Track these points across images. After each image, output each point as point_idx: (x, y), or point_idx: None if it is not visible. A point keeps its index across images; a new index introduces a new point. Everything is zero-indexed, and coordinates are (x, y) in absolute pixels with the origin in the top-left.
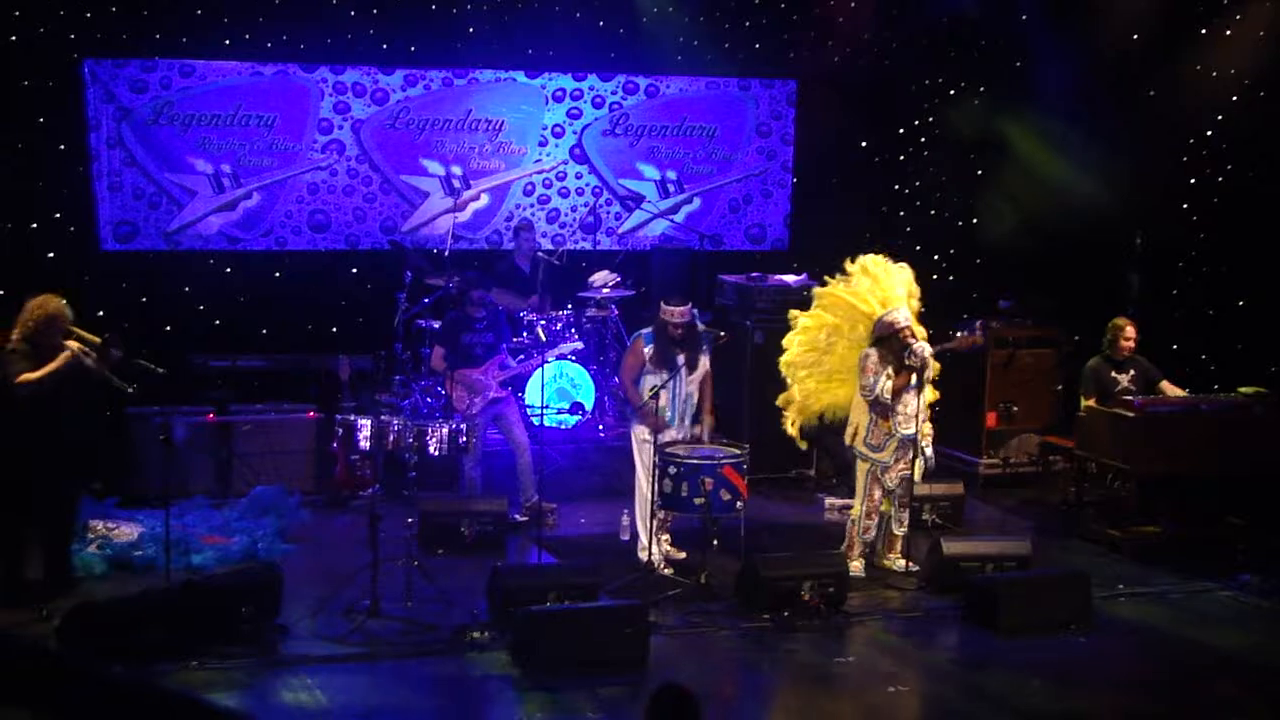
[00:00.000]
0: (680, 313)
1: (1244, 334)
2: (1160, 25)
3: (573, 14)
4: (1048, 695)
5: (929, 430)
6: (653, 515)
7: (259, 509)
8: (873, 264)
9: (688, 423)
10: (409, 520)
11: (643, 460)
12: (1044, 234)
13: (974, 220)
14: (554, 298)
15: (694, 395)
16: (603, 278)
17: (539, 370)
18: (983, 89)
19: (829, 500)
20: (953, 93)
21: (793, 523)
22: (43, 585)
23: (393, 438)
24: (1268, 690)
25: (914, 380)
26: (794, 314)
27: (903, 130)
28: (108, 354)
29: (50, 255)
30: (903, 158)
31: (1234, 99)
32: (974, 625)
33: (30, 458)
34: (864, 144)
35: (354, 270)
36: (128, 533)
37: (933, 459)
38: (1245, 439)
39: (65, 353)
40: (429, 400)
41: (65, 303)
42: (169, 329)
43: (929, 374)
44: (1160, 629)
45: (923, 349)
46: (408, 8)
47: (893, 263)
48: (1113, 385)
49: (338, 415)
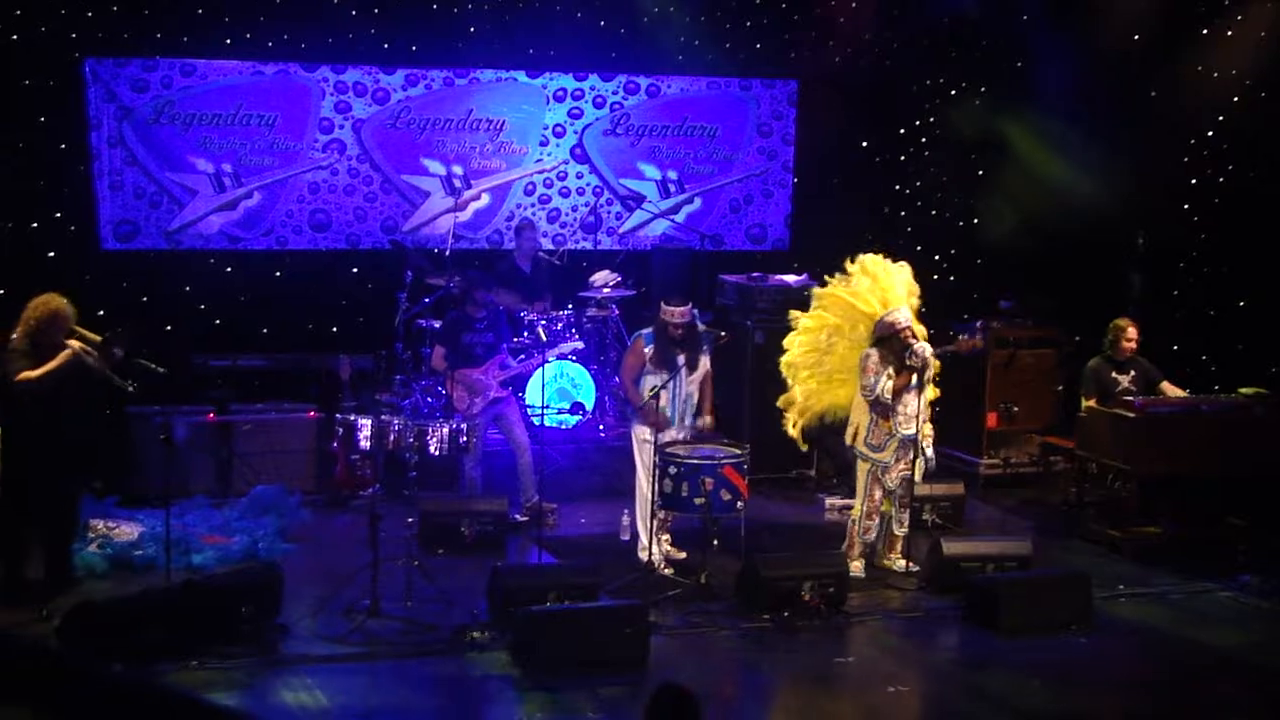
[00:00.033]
0: (680, 313)
1: (1245, 334)
2: (1161, 25)
3: (574, 14)
4: (1048, 695)
5: (929, 431)
6: (653, 515)
7: (259, 508)
8: (871, 263)
9: (688, 422)
10: (409, 520)
11: (643, 460)
12: (1045, 234)
13: (975, 220)
14: (555, 297)
15: (694, 395)
16: (603, 277)
17: (539, 370)
18: (984, 89)
19: (829, 500)
20: (954, 93)
21: (793, 523)
22: (43, 585)
23: (393, 437)
24: (1268, 690)
25: (914, 380)
26: (794, 315)
27: (904, 130)
28: (109, 353)
29: (51, 254)
30: (903, 158)
31: (1235, 99)
32: (974, 625)
33: (30, 456)
34: (865, 144)
35: (355, 270)
36: (128, 532)
37: (933, 459)
38: (1246, 440)
39: (66, 351)
40: (429, 400)
41: (67, 302)
42: (170, 328)
43: (930, 374)
44: (1161, 629)
45: (923, 349)
46: (409, 7)
47: (892, 262)
48: (1113, 386)
49: (338, 415)
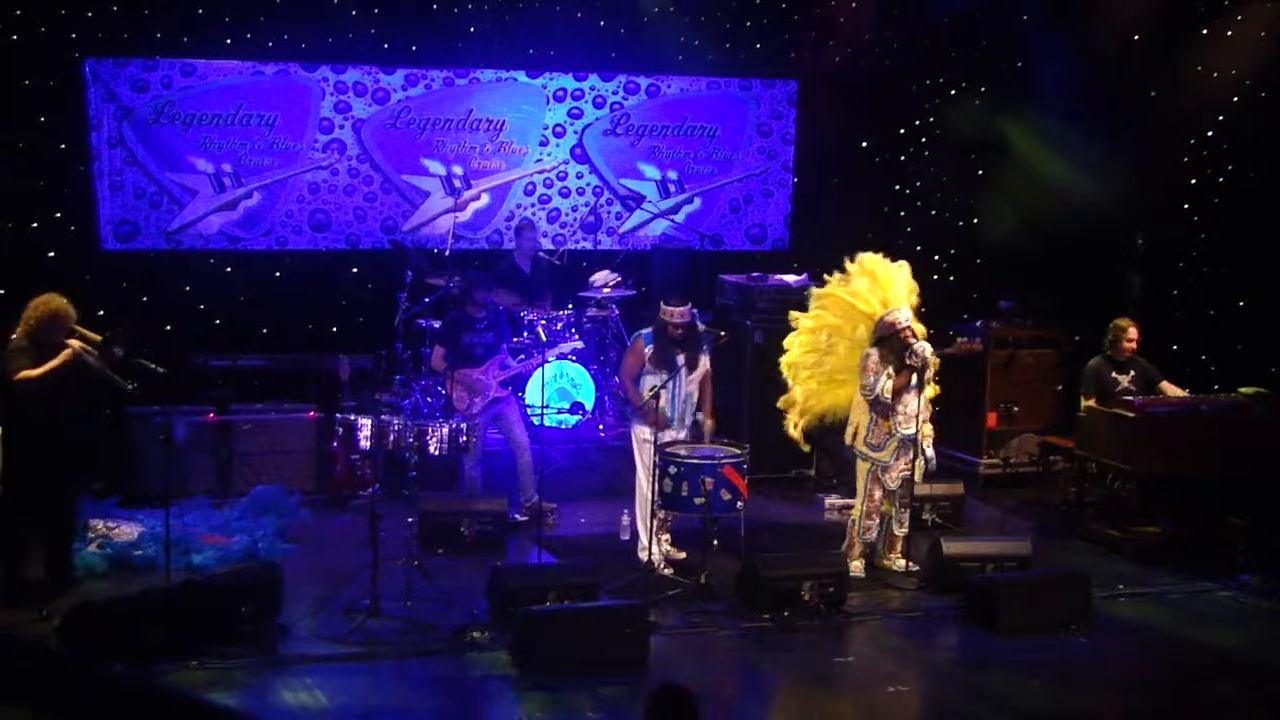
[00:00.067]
0: (680, 313)
1: (1244, 334)
2: (1160, 25)
3: (574, 14)
4: (1048, 695)
5: (929, 431)
6: (653, 515)
7: (259, 508)
8: (870, 262)
9: (688, 422)
10: (409, 520)
11: (643, 460)
12: (1044, 234)
13: (975, 220)
14: (554, 297)
15: (694, 395)
16: (603, 277)
17: (539, 370)
18: (983, 89)
19: (829, 500)
20: (953, 93)
21: (793, 523)
22: (43, 585)
23: (393, 437)
24: (1268, 690)
25: (914, 380)
26: (794, 315)
27: (903, 130)
28: (109, 352)
29: (51, 254)
30: (903, 158)
31: (1234, 99)
32: (974, 625)
33: (31, 455)
34: (865, 144)
35: (354, 270)
36: (128, 532)
37: (933, 459)
38: (1245, 439)
39: (66, 350)
40: (429, 400)
41: (68, 302)
42: (170, 328)
43: (929, 374)
44: (1160, 629)
45: (923, 349)
46: (409, 7)
47: (890, 261)
48: (1113, 385)
49: (338, 415)
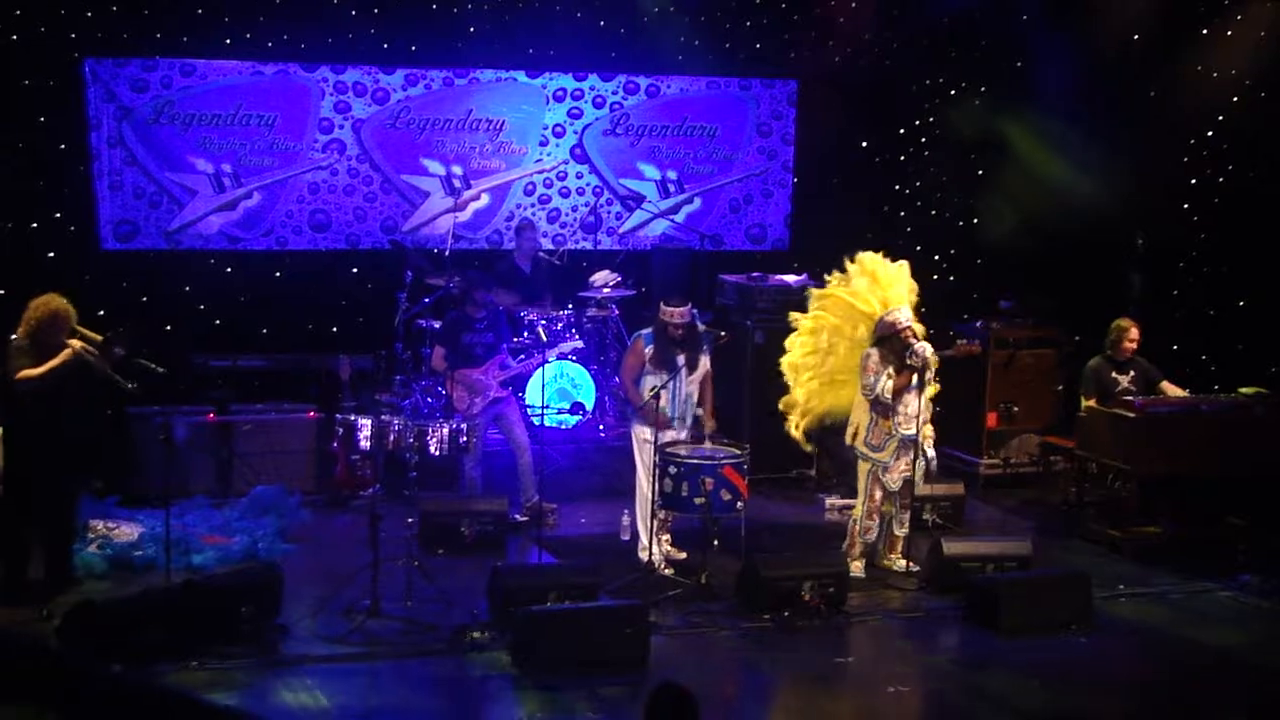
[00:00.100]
0: (680, 313)
1: (1244, 334)
2: (1160, 25)
3: (574, 14)
4: (1048, 695)
5: (930, 432)
6: (653, 515)
7: (259, 509)
8: (870, 261)
9: (688, 422)
10: (409, 520)
11: (643, 460)
12: (1044, 234)
13: (974, 220)
14: (554, 298)
15: (694, 395)
16: (603, 277)
17: (539, 370)
18: (983, 89)
19: (829, 500)
20: (953, 93)
21: (793, 523)
22: (43, 585)
23: (393, 438)
24: (1268, 690)
25: (915, 380)
26: (794, 316)
27: (903, 130)
28: (110, 352)
29: (51, 254)
30: (903, 158)
31: (1234, 99)
32: (975, 625)
33: (33, 455)
34: (864, 144)
35: (354, 270)
36: (128, 532)
37: (935, 460)
38: (1246, 439)
39: (66, 350)
40: (429, 400)
41: (68, 302)
42: (169, 328)
43: (930, 374)
44: (1161, 629)
45: (924, 349)
46: (408, 7)
47: (890, 261)
48: (1113, 386)
49: (338, 415)
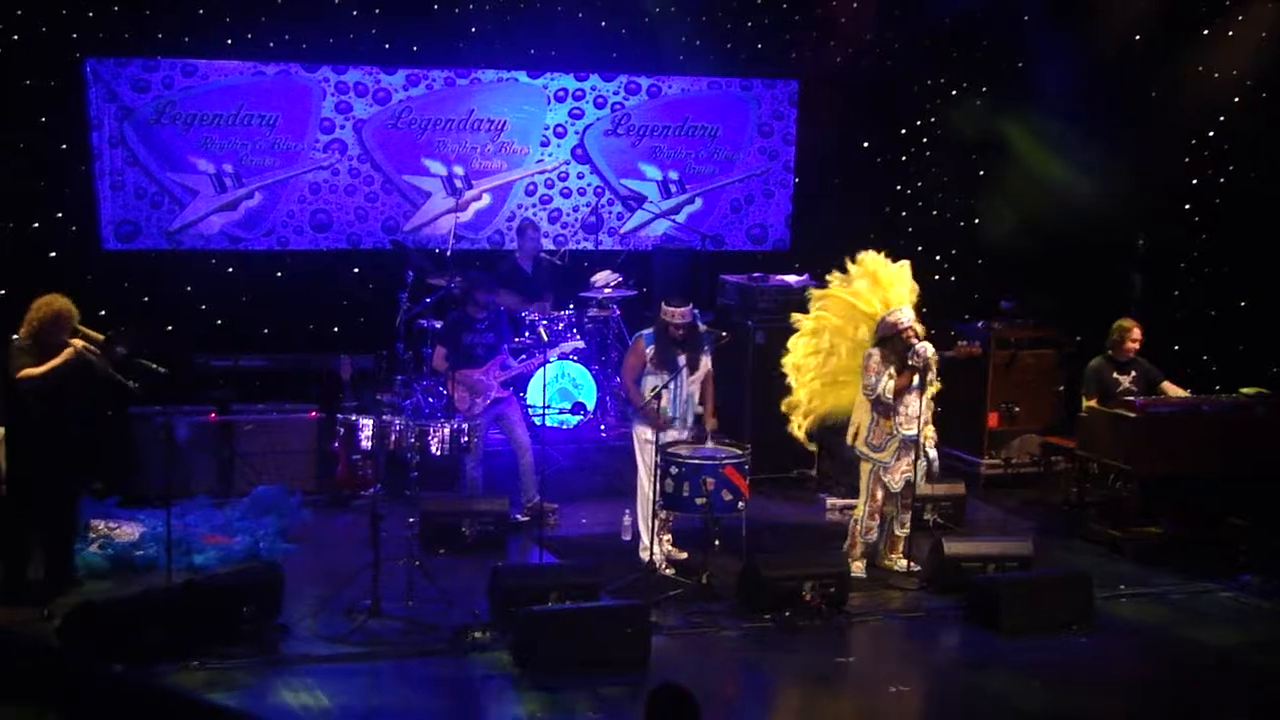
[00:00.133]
0: (681, 313)
1: (1245, 335)
2: (1161, 25)
3: (575, 14)
4: (1049, 695)
5: (931, 433)
6: (654, 515)
7: (261, 509)
8: (871, 261)
9: (689, 422)
10: (410, 520)
11: (644, 460)
12: (1045, 234)
13: (976, 220)
14: (556, 298)
15: (695, 395)
16: (604, 278)
17: (541, 370)
18: (984, 89)
19: (830, 500)
20: (954, 93)
21: (794, 523)
22: (44, 585)
23: (394, 438)
24: (1268, 690)
25: (916, 381)
26: (796, 317)
27: (904, 130)
28: (112, 352)
29: (52, 255)
30: (904, 158)
31: (1235, 100)
32: (975, 625)
33: (35, 454)
34: (866, 144)
35: (356, 270)
36: (129, 532)
37: (937, 461)
38: (1247, 440)
39: (68, 349)
40: (430, 400)
41: (70, 302)
42: (171, 328)
43: (931, 374)
44: (1162, 630)
45: (925, 349)
46: (410, 7)
47: (891, 261)
48: (1114, 386)
49: (339, 415)
